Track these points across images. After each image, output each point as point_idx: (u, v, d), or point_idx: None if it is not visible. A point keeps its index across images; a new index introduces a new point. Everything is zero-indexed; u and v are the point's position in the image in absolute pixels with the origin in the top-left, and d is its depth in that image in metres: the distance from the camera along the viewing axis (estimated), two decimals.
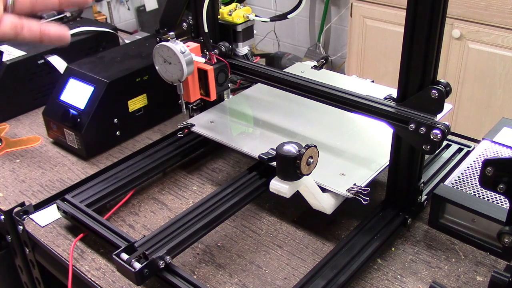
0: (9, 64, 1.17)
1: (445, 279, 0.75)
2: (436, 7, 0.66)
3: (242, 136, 0.96)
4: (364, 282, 0.76)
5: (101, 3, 3.28)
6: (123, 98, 1.08)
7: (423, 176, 0.83)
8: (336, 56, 3.28)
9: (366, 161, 0.85)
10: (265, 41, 3.51)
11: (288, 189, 0.69)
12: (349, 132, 0.94)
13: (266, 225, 0.87)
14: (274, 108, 1.03)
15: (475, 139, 1.02)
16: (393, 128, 0.76)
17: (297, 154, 0.67)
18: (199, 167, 1.04)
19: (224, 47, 0.96)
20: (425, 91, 0.70)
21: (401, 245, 0.82)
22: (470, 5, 2.07)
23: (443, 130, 0.70)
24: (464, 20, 2.11)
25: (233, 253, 0.82)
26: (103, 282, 0.77)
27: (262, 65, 0.95)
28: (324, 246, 0.83)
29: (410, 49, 0.70)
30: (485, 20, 2.06)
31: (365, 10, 2.43)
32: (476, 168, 0.88)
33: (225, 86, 0.98)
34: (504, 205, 0.77)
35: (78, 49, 1.29)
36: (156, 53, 0.93)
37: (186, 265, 0.80)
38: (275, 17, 0.98)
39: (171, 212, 0.91)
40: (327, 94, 0.83)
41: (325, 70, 1.16)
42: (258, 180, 0.89)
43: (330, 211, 0.79)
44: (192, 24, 1.01)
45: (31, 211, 0.92)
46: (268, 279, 0.77)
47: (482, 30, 2.08)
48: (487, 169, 0.60)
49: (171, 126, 1.17)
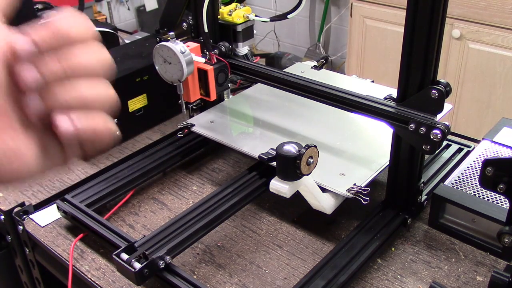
0: None
1: (445, 279, 0.75)
2: (436, 7, 0.66)
3: (242, 136, 0.96)
4: (364, 282, 0.76)
5: (101, 3, 3.28)
6: (123, 98, 1.08)
7: (423, 176, 0.83)
8: (336, 56, 3.28)
9: (366, 161, 0.85)
10: (265, 41, 3.51)
11: (288, 189, 0.69)
12: (349, 132, 0.94)
13: (266, 225, 0.87)
14: (274, 108, 1.03)
15: (475, 139, 1.02)
16: (393, 128, 0.76)
17: (297, 154, 0.67)
18: (199, 167, 1.04)
19: (224, 47, 0.96)
20: (425, 91, 0.70)
21: (401, 245, 0.82)
22: (470, 5, 2.07)
23: (443, 130, 0.70)
24: (464, 20, 2.11)
25: (233, 253, 0.82)
26: (103, 282, 0.77)
27: (262, 65, 0.95)
28: (324, 246, 0.83)
29: (410, 49, 0.70)
30: (485, 20, 2.06)
31: (365, 10, 2.42)
32: (476, 168, 0.88)
33: (225, 86, 0.98)
34: (504, 205, 0.77)
35: None
36: (156, 53, 0.93)
37: (186, 265, 0.80)
38: (275, 17, 0.98)
39: (171, 212, 0.91)
40: (327, 94, 0.83)
41: (325, 70, 1.15)
42: (258, 180, 0.89)
43: (330, 211, 0.79)
44: (192, 24, 1.01)
45: (31, 211, 0.92)
46: (268, 279, 0.77)
47: (482, 30, 2.08)
48: (487, 169, 0.60)
49: (171, 126, 1.17)
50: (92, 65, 0.37)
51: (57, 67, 0.35)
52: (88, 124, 0.36)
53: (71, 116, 0.36)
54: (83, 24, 0.37)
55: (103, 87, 0.38)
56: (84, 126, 0.36)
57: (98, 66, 0.38)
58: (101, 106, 0.38)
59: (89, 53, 0.37)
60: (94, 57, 0.37)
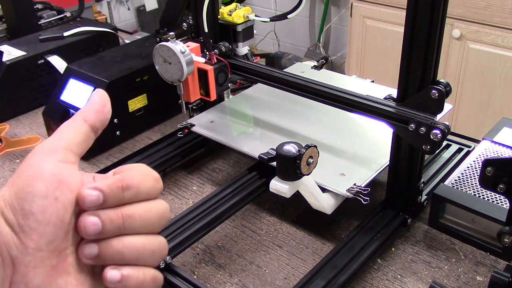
0: (9, 64, 1.17)
1: (445, 279, 0.75)
2: (436, 7, 0.66)
3: (242, 136, 0.96)
4: (364, 282, 0.76)
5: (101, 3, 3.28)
6: (123, 98, 1.08)
7: (423, 176, 0.83)
8: (336, 56, 3.28)
9: (366, 161, 0.85)
10: (265, 41, 3.51)
11: (288, 189, 0.69)
12: (349, 132, 0.94)
13: (266, 225, 0.87)
14: (274, 108, 1.03)
15: (475, 139, 1.02)
16: (393, 128, 0.76)
17: (297, 154, 0.67)
18: (199, 167, 1.04)
19: (224, 47, 0.96)
20: (425, 91, 0.70)
21: (401, 245, 0.82)
22: (470, 5, 2.07)
23: (443, 130, 0.70)
24: (464, 20, 2.11)
25: (233, 253, 0.82)
26: None
27: (262, 65, 0.95)
28: (324, 246, 0.83)
29: (410, 49, 0.70)
30: (485, 20, 2.06)
31: (365, 10, 2.43)
32: (476, 168, 0.88)
33: (225, 86, 0.98)
34: (504, 205, 0.77)
35: (78, 49, 1.29)
36: (156, 53, 0.93)
37: (186, 265, 0.80)
38: (275, 17, 0.98)
39: (171, 212, 0.91)
40: (327, 94, 0.83)
41: (325, 70, 1.15)
42: (258, 180, 0.89)
43: (330, 211, 0.79)
44: (192, 24, 1.01)
45: None
46: (268, 279, 0.77)
47: (482, 30, 2.08)
48: (487, 169, 0.60)
49: (171, 126, 1.17)
50: (152, 221, 0.38)
51: (118, 218, 0.36)
52: (136, 277, 0.37)
53: (122, 268, 0.36)
54: (153, 182, 0.38)
55: (158, 243, 0.38)
56: (132, 277, 0.36)
57: (157, 223, 0.38)
58: (154, 261, 0.38)
59: (151, 209, 0.38)
60: (155, 214, 0.38)
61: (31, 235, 0.34)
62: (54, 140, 0.38)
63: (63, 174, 0.36)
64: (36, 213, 0.34)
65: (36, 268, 0.34)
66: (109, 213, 0.36)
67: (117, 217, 0.36)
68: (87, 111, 0.40)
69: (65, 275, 0.35)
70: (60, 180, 0.35)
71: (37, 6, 1.50)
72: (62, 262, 0.35)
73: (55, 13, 1.50)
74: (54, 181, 0.35)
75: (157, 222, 0.38)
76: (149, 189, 0.37)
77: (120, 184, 0.36)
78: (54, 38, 1.28)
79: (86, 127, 0.40)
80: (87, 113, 0.40)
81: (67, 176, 0.36)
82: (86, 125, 0.40)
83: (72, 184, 0.36)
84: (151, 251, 0.37)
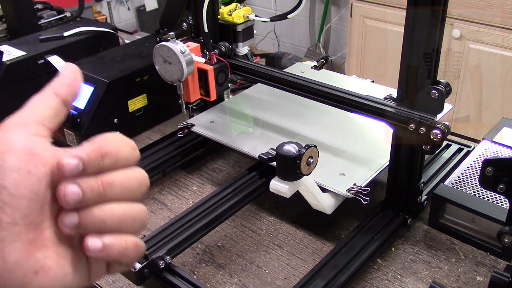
0: (9, 64, 1.17)
1: (445, 279, 0.75)
2: (436, 7, 0.66)
3: (242, 136, 0.96)
4: (364, 282, 0.76)
5: (101, 3, 3.28)
6: (123, 98, 1.08)
7: (423, 176, 0.83)
8: (336, 56, 3.28)
9: (366, 161, 0.85)
10: (265, 41, 3.51)
11: (288, 189, 0.69)
12: (349, 132, 0.94)
13: (266, 225, 0.87)
14: (274, 108, 1.03)
15: (475, 139, 1.02)
16: (393, 128, 0.76)
17: (297, 154, 0.67)
18: (199, 167, 1.04)
19: (224, 47, 0.96)
20: (425, 91, 0.70)
21: (401, 245, 0.82)
22: (470, 5, 2.07)
23: (443, 130, 0.70)
24: (464, 20, 2.11)
25: (233, 253, 0.82)
26: (103, 282, 0.77)
27: (262, 65, 0.95)
28: (324, 246, 0.82)
29: (410, 49, 0.70)
30: (485, 20, 2.06)
31: (365, 10, 2.42)
32: (476, 168, 0.88)
33: (225, 86, 0.98)
34: (504, 205, 0.77)
35: (78, 49, 1.29)
36: (156, 53, 0.93)
37: (186, 265, 0.80)
38: (275, 17, 0.98)
39: (171, 212, 0.91)
40: (327, 94, 0.83)
41: (325, 70, 1.15)
42: (258, 180, 0.89)
43: (330, 211, 0.79)
44: (192, 24, 1.01)
45: None
46: (268, 279, 0.77)
47: (482, 30, 2.08)
48: (487, 169, 0.60)
49: (171, 126, 1.17)
50: (132, 188, 0.37)
51: (98, 186, 0.35)
52: (118, 244, 0.36)
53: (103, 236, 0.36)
54: (131, 150, 0.38)
55: (138, 210, 0.38)
56: (114, 245, 0.36)
57: (137, 190, 0.38)
58: (135, 228, 0.38)
59: (131, 176, 0.37)
60: (135, 181, 0.38)
61: (5, 209, 0.33)
62: (24, 114, 0.37)
63: (35, 147, 0.35)
64: (9, 186, 0.33)
65: (13, 243, 0.33)
66: (89, 181, 0.35)
67: (97, 185, 0.35)
68: (58, 84, 0.39)
69: (43, 248, 0.34)
70: (32, 153, 0.34)
71: (37, 6, 1.50)
72: (39, 236, 0.34)
73: (55, 13, 1.50)
74: (26, 154, 0.34)
75: (137, 189, 0.37)
76: (127, 156, 0.37)
77: (99, 152, 0.35)
78: (54, 38, 1.28)
79: (58, 101, 0.39)
80: (58, 87, 0.39)
81: (40, 149, 0.35)
82: (57, 99, 0.39)
83: (45, 157, 0.35)
84: (132, 218, 0.37)
